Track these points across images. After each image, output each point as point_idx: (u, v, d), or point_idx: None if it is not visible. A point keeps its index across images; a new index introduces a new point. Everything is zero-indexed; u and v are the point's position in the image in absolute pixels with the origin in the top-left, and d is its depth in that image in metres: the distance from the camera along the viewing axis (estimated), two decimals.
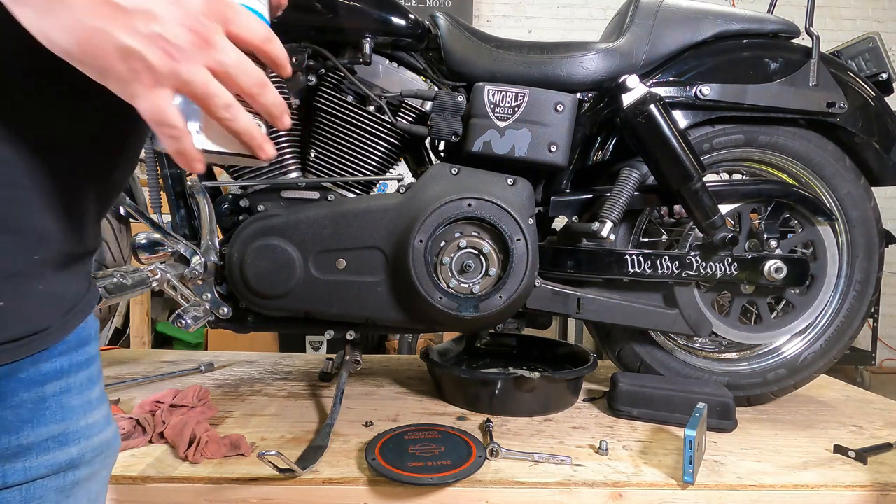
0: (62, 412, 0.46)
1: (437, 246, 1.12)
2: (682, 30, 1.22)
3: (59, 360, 0.46)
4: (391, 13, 1.16)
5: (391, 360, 1.67)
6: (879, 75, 1.25)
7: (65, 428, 0.46)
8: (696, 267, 1.20)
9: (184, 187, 1.20)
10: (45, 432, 0.44)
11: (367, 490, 0.88)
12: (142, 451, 0.96)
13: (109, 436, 0.52)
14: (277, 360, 1.61)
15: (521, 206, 1.14)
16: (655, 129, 1.12)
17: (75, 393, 0.47)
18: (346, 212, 1.14)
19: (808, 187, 1.26)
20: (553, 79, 1.21)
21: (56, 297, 0.44)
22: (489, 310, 1.12)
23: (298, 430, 1.07)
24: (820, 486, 0.92)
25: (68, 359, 0.47)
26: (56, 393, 0.45)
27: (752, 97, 1.19)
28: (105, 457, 0.51)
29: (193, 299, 1.13)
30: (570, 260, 1.21)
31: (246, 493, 0.87)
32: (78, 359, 0.48)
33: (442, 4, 4.11)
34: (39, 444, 0.44)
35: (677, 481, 0.90)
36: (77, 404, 0.47)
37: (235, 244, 1.12)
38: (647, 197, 1.22)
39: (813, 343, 1.29)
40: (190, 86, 0.36)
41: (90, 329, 0.50)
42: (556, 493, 0.89)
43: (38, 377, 0.44)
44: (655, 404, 1.16)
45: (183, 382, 1.34)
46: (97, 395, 0.51)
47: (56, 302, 0.44)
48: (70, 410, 0.46)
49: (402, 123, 1.19)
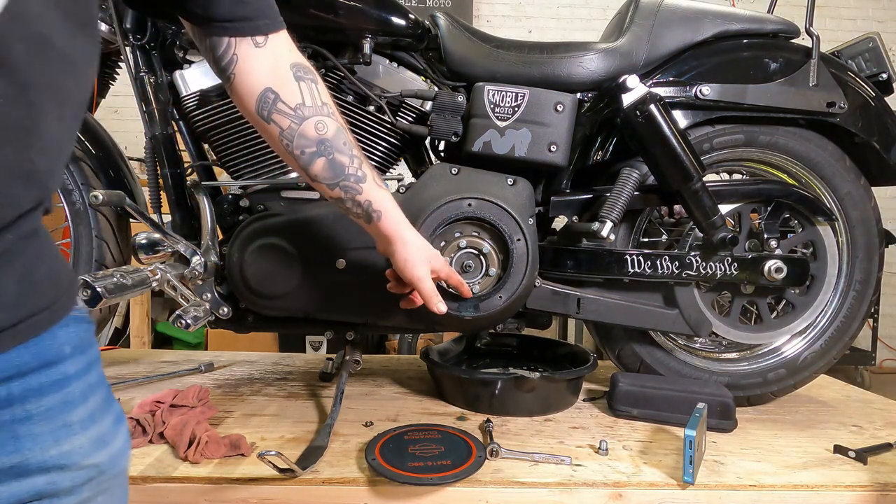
0: (15, 442, 0.43)
1: (438, 246, 1.12)
2: (681, 30, 1.22)
3: (3, 387, 0.42)
4: (391, 13, 1.16)
5: (391, 360, 1.67)
6: (879, 75, 1.25)
7: (22, 459, 0.43)
8: (696, 267, 1.20)
9: (184, 187, 1.20)
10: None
11: (367, 490, 0.88)
12: (142, 451, 0.96)
13: (100, 460, 0.48)
14: (277, 360, 1.61)
15: (521, 206, 1.14)
16: (655, 129, 1.12)
17: (41, 419, 0.44)
18: None
19: (808, 187, 1.26)
20: (553, 79, 1.21)
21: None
22: (489, 310, 1.12)
23: (298, 430, 1.07)
24: (820, 486, 0.92)
25: (22, 383, 0.43)
26: (6, 422, 0.42)
27: (752, 97, 1.19)
28: (98, 483, 0.48)
29: (193, 299, 1.13)
30: (570, 260, 1.21)
31: (246, 493, 0.87)
32: (41, 381, 0.44)
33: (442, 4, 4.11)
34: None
35: (677, 481, 0.90)
36: (44, 431, 0.44)
37: (235, 244, 1.12)
38: (647, 197, 1.22)
39: (813, 343, 1.29)
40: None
41: (61, 346, 0.46)
42: (556, 493, 0.89)
43: None
44: (655, 404, 1.16)
45: (183, 382, 1.34)
46: (82, 416, 0.47)
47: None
48: (30, 440, 0.43)
49: (402, 123, 1.19)
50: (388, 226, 0.85)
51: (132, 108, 1.34)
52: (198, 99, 1.16)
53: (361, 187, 0.80)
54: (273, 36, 0.72)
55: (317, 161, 0.76)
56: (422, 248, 0.90)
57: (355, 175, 0.79)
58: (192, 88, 1.16)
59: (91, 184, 1.26)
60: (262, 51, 0.70)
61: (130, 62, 1.16)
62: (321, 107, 0.75)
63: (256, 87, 0.72)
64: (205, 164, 1.23)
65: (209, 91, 1.16)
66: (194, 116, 1.16)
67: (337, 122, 0.77)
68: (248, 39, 0.70)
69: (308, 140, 0.75)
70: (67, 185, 1.23)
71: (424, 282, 0.89)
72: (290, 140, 0.75)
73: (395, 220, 0.86)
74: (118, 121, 3.56)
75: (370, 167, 0.82)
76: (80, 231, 1.24)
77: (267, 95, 0.72)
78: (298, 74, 0.73)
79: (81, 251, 1.24)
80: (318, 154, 0.75)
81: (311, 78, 0.74)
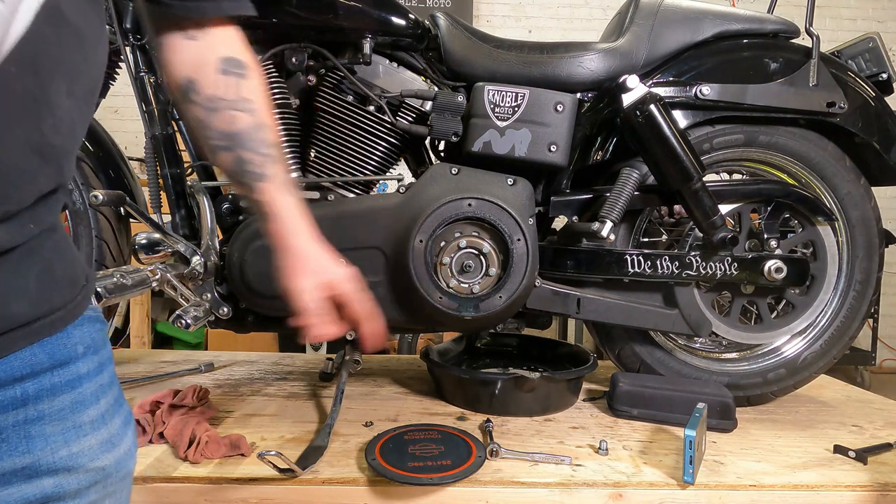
0: (28, 443, 0.42)
1: (438, 246, 1.12)
2: (682, 30, 1.22)
3: (18, 386, 0.42)
4: (391, 13, 1.16)
5: (391, 360, 1.67)
6: (879, 75, 1.25)
7: (33, 460, 0.42)
8: (696, 267, 1.20)
9: (184, 187, 1.20)
10: (2, 466, 0.41)
11: (367, 490, 0.88)
12: (142, 451, 0.95)
13: (106, 463, 0.47)
14: (277, 360, 1.61)
15: (521, 206, 1.14)
16: (655, 129, 1.12)
17: (52, 420, 0.43)
18: (346, 212, 1.14)
19: (808, 187, 1.26)
20: (553, 79, 1.21)
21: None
22: (489, 310, 1.12)
23: (298, 430, 1.07)
24: (820, 486, 0.92)
25: (36, 383, 0.43)
26: (19, 423, 0.42)
27: (752, 97, 1.19)
28: (104, 486, 0.47)
29: (193, 299, 1.13)
30: (570, 260, 1.21)
31: (246, 493, 0.87)
32: (54, 381, 0.44)
33: (442, 4, 4.11)
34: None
35: (677, 481, 0.90)
36: (55, 432, 0.44)
37: (235, 244, 1.12)
38: (647, 197, 1.22)
39: (813, 343, 1.29)
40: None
41: (75, 345, 0.46)
42: (556, 493, 0.89)
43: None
44: (655, 404, 1.16)
45: (183, 382, 1.34)
46: (92, 417, 0.47)
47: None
48: (42, 440, 0.43)
49: (402, 123, 1.19)
50: (278, 230, 0.74)
51: (132, 108, 1.34)
52: None
53: (262, 187, 0.73)
54: (215, 29, 0.70)
55: (221, 154, 0.72)
56: (312, 258, 0.75)
57: (259, 174, 0.72)
58: None
59: (91, 184, 1.26)
60: (193, 42, 0.69)
61: (130, 62, 1.16)
62: (237, 101, 0.71)
63: (181, 76, 0.70)
64: (205, 164, 1.23)
65: None
66: None
67: (255, 119, 0.72)
68: (183, 33, 0.69)
69: (216, 132, 0.71)
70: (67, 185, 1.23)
71: (300, 294, 0.74)
72: (201, 130, 0.72)
73: (288, 227, 0.75)
74: (118, 121, 3.57)
75: (285, 170, 0.75)
76: (80, 231, 1.25)
77: (187, 85, 0.70)
78: (226, 68, 0.70)
79: (81, 251, 1.24)
80: (223, 147, 0.71)
81: (240, 74, 0.71)
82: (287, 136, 1.16)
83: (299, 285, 0.74)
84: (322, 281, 0.75)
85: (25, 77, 0.39)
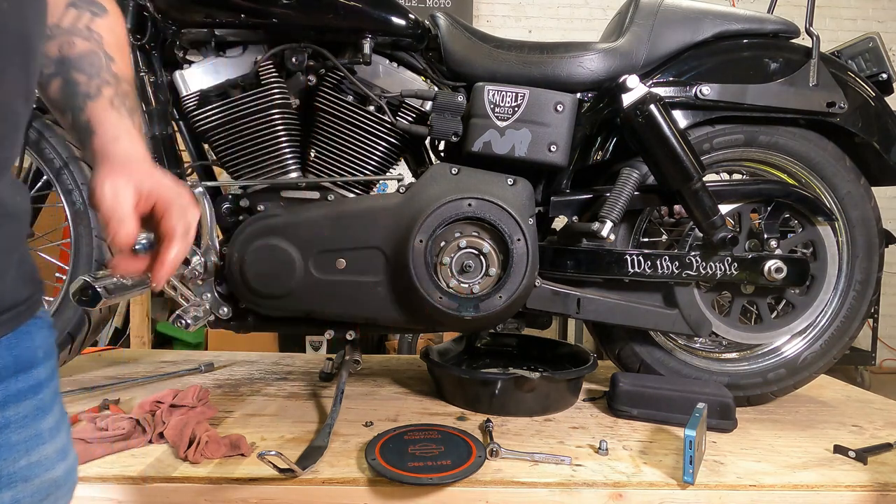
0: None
1: (437, 246, 1.12)
2: (682, 30, 1.22)
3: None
4: (391, 13, 1.16)
5: (391, 360, 1.67)
6: (879, 75, 1.25)
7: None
8: (696, 267, 1.20)
9: None
10: None
11: (367, 490, 0.88)
12: (142, 451, 0.96)
13: (58, 474, 0.45)
14: (277, 360, 1.61)
15: (521, 206, 1.14)
16: (655, 129, 1.12)
17: (14, 428, 0.42)
18: (346, 212, 1.14)
19: (808, 187, 1.26)
20: (553, 79, 1.21)
21: None
22: (489, 310, 1.12)
23: (298, 430, 1.07)
24: (820, 486, 0.92)
25: (3, 389, 0.41)
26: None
27: (752, 97, 1.19)
28: (55, 499, 0.45)
29: (193, 299, 1.13)
30: (570, 260, 1.21)
31: (246, 493, 0.87)
32: (17, 387, 0.42)
33: (442, 4, 4.11)
34: None
35: (677, 481, 0.90)
36: (16, 441, 0.42)
37: (235, 244, 1.12)
38: (647, 197, 1.22)
39: (813, 343, 1.29)
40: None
41: (36, 349, 0.44)
42: (556, 493, 0.89)
43: None
44: (655, 404, 1.16)
45: (183, 382, 1.34)
46: (51, 424, 0.45)
47: None
48: (7, 449, 0.41)
49: (402, 123, 1.19)
50: (96, 142, 0.58)
51: None
52: (198, 99, 1.16)
53: (87, 105, 0.59)
54: None
55: (52, 82, 0.60)
56: (133, 163, 0.58)
57: (86, 94, 0.60)
58: (192, 88, 1.16)
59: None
60: None
61: None
62: (77, 30, 0.60)
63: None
64: (205, 164, 1.23)
65: (209, 91, 1.16)
66: (194, 116, 1.16)
67: (95, 48, 0.61)
68: None
69: (48, 59, 0.59)
70: (67, 185, 1.23)
71: (105, 194, 0.54)
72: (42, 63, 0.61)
73: (109, 135, 0.59)
74: None
75: (119, 94, 0.62)
76: (80, 231, 1.24)
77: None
78: (77, 3, 0.61)
79: (81, 251, 1.24)
80: (54, 74, 0.59)
81: (94, 12, 0.62)
82: (287, 136, 1.16)
83: (108, 185, 0.55)
84: (138, 186, 0.56)
85: (12, 18, 0.38)
